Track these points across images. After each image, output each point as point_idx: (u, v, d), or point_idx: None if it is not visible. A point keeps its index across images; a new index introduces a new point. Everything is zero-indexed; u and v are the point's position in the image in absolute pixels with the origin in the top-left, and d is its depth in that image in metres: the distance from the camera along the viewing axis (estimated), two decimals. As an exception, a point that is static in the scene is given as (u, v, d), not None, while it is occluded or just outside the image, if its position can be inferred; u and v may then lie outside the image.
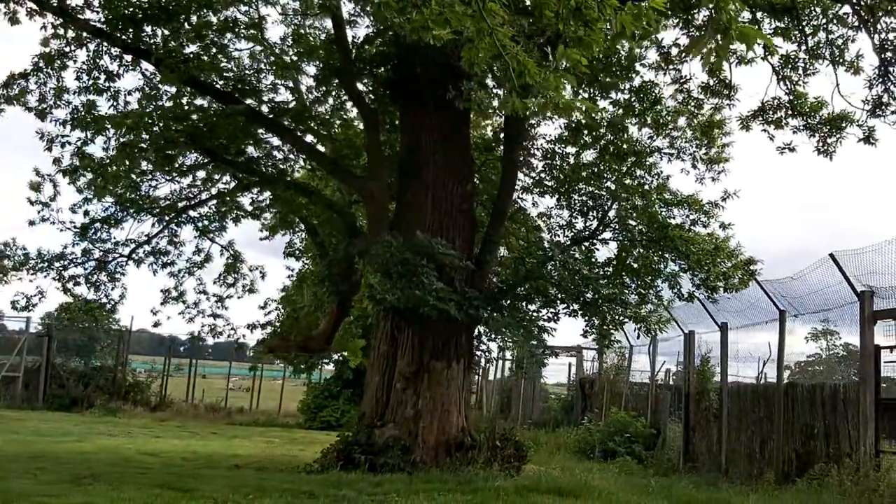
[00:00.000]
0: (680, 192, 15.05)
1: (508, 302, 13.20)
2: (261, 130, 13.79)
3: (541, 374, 29.93)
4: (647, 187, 14.80)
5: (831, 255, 12.18)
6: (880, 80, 10.96)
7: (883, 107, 11.52)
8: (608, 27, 6.26)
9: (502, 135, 13.68)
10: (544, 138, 15.05)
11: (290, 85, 14.14)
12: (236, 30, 12.90)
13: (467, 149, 13.32)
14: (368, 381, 13.33)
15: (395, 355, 12.79)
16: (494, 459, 12.17)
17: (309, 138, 14.63)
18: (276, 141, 14.46)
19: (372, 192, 12.86)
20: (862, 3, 10.58)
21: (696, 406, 17.43)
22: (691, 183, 15.84)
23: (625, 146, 14.10)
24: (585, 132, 13.74)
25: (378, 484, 10.73)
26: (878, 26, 10.72)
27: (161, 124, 11.83)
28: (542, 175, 15.12)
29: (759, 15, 11.74)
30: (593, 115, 11.71)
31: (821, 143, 12.26)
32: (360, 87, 13.91)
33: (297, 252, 16.46)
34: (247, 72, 13.48)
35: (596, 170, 14.95)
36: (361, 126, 14.47)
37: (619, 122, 13.31)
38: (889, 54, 10.62)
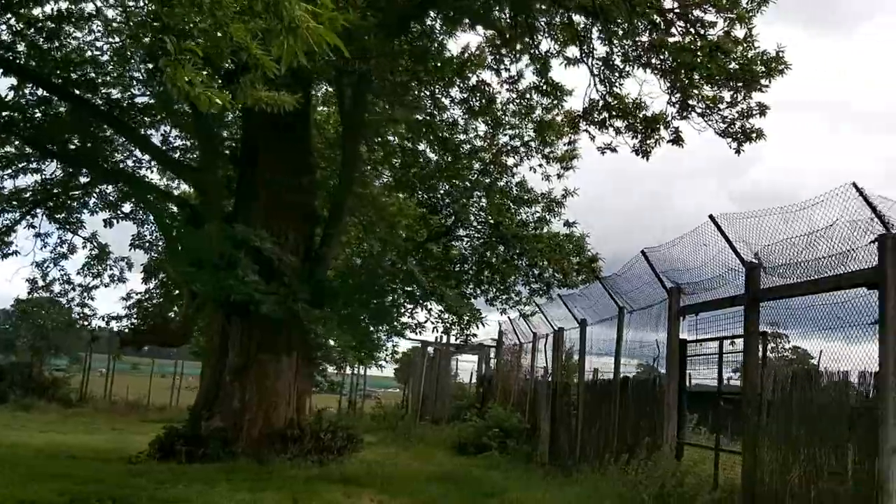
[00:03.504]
0: (534, 189, 15.43)
1: (350, 298, 13.47)
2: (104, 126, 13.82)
3: (450, 370, 30.23)
4: (499, 185, 15.10)
5: (643, 252, 12.50)
6: (677, 84, 11.30)
7: (689, 109, 11.86)
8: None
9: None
10: (399, 135, 15.19)
11: (140, 77, 14.22)
12: (73, 20, 12.91)
13: (305, 142, 13.48)
14: (203, 373, 13.46)
15: (226, 348, 12.94)
16: (317, 450, 12.36)
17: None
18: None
19: (204, 185, 13.00)
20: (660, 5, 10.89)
21: (560, 401, 17.73)
22: (546, 182, 15.99)
23: (468, 145, 14.36)
24: (425, 129, 13.96)
25: (181, 473, 10.93)
26: (675, 29, 11.05)
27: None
28: (398, 173, 15.32)
29: (574, 16, 12.05)
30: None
31: (640, 144, 12.57)
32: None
33: (147, 244, 16.56)
34: (87, 63, 13.51)
35: (451, 169, 15.21)
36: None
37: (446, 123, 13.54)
38: (686, 56, 10.93)
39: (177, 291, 17.10)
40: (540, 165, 14.86)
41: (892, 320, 7.66)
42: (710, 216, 10.49)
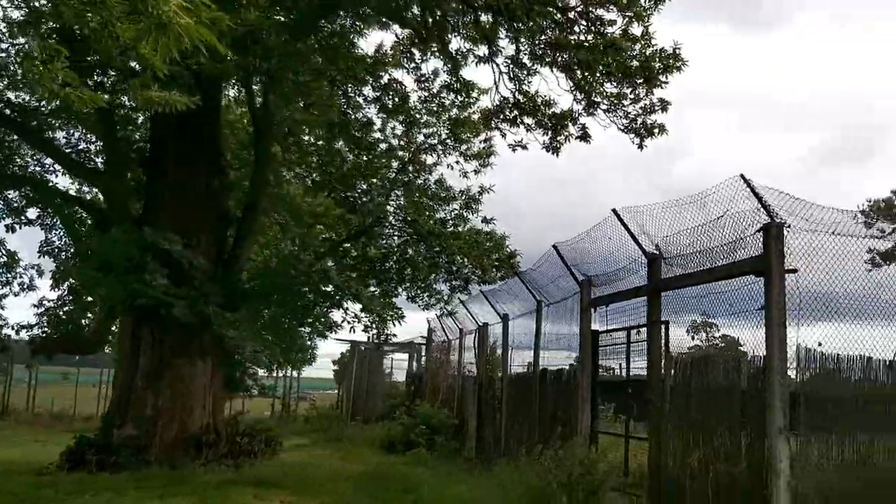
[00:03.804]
0: (452, 187, 15.55)
1: (268, 299, 13.36)
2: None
3: (382, 369, 30.25)
4: (418, 184, 15.16)
5: (554, 246, 12.73)
6: (581, 82, 11.55)
7: (594, 106, 12.12)
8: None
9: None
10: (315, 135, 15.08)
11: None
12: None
13: (216, 143, 13.27)
14: (115, 379, 13.14)
15: (138, 353, 12.67)
16: (234, 455, 12.22)
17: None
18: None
19: (112, 188, 12.69)
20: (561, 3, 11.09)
21: (485, 395, 17.92)
22: (464, 180, 16.10)
23: (384, 143, 14.40)
24: (339, 129, 13.91)
25: (90, 483, 10.71)
26: (578, 27, 11.27)
27: None
28: (316, 173, 15.21)
29: (482, 16, 12.16)
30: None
31: (550, 141, 12.78)
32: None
33: (56, 250, 16.00)
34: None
35: (369, 168, 15.17)
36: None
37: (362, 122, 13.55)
38: (584, 53, 11.17)
39: (89, 298, 16.60)
40: (457, 162, 15.00)
41: (776, 306, 7.98)
42: (614, 210, 10.75)
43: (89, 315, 16.87)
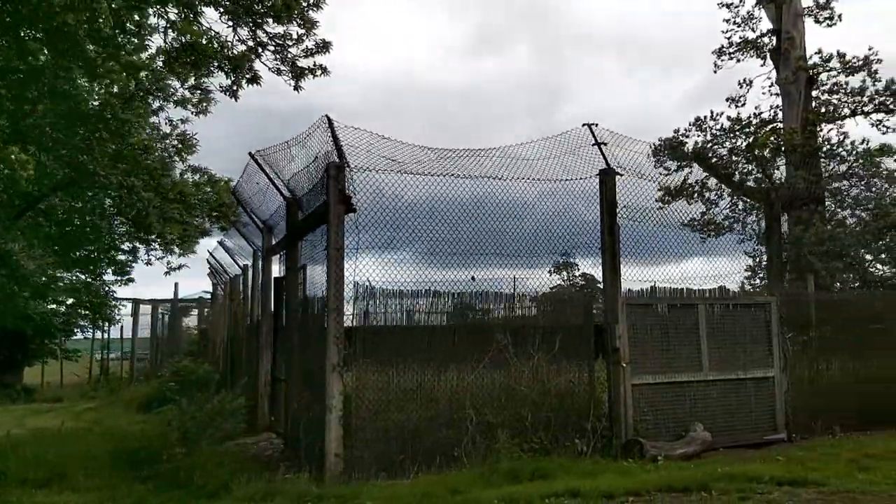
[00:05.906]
0: (169, 136, 15.00)
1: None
2: None
3: (178, 326, 29.50)
4: (124, 132, 14.49)
5: (233, 191, 12.48)
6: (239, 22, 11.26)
7: (263, 47, 11.86)
8: None
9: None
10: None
11: None
12: None
13: None
14: None
15: None
16: None
17: None
18: None
19: None
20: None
21: (233, 346, 17.81)
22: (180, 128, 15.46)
23: (74, 91, 13.61)
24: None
25: None
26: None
27: None
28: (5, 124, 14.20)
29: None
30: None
31: (231, 84, 12.43)
32: None
33: None
34: None
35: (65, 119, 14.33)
36: None
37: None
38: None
39: None
40: (161, 108, 14.40)
41: (334, 245, 8.00)
42: (250, 153, 10.55)
43: None
